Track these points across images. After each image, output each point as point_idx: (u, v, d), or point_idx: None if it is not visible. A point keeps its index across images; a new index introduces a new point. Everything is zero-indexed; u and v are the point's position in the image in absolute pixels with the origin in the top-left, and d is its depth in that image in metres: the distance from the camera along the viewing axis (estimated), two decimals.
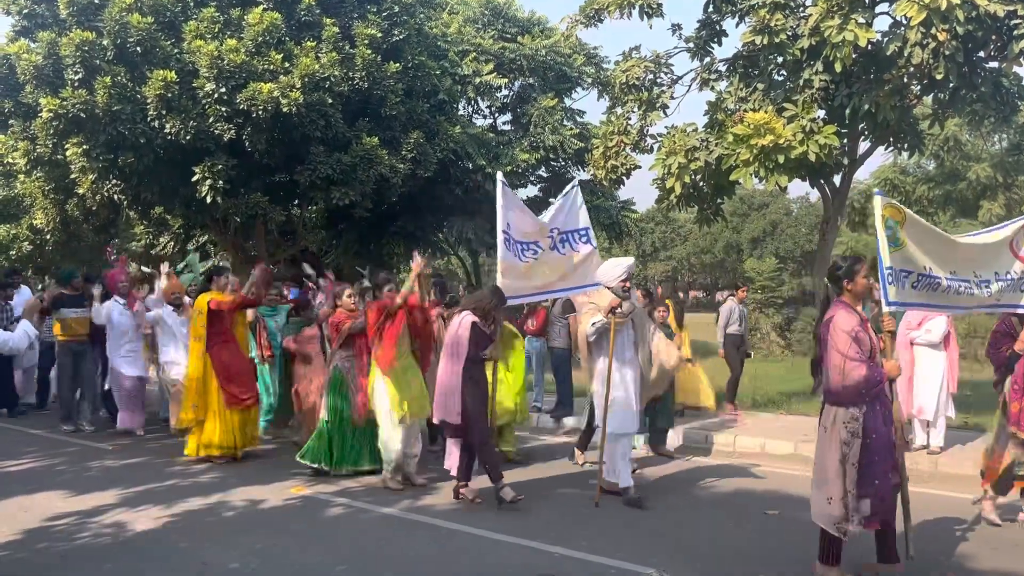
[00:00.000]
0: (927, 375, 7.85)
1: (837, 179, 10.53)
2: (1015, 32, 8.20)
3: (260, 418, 8.64)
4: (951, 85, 9.14)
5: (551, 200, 18.55)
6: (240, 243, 15.56)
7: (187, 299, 8.94)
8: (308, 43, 12.15)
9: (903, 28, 8.66)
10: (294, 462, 7.38)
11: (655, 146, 10.72)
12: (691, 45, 10.70)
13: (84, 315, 9.64)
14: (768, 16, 9.18)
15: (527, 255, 7.42)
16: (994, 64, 9.26)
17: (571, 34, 11.88)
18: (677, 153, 9.94)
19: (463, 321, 6.37)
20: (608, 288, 6.50)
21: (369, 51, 12.33)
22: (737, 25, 10.23)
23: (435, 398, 6.53)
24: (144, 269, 11.19)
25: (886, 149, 11.09)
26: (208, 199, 12.31)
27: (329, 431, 7.28)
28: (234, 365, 7.98)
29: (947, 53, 8.28)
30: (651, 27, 14.54)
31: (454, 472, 6.56)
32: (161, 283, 9.08)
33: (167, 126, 11.66)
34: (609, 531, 5.64)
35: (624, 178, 11.22)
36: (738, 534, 5.67)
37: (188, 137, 11.72)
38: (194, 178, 12.21)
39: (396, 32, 13.13)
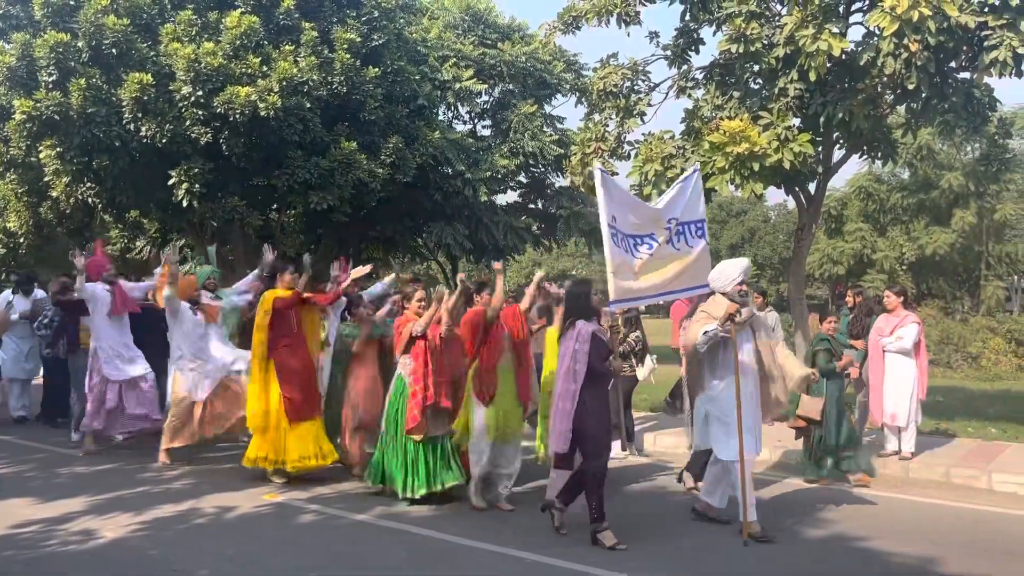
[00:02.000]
0: (898, 382, 7.92)
1: (812, 187, 10.61)
2: (985, 43, 8.31)
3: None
4: (923, 95, 9.24)
5: (531, 206, 18.82)
6: (217, 247, 15.44)
7: (207, 295, 8.24)
8: (286, 47, 12.11)
9: (876, 38, 8.75)
10: (268, 471, 7.32)
11: (632, 153, 10.76)
12: (668, 53, 10.75)
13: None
14: (744, 25, 9.25)
15: (640, 250, 6.53)
16: (965, 75, 9.38)
17: (550, 41, 11.90)
18: (654, 160, 9.98)
19: (581, 331, 5.56)
20: (722, 293, 5.82)
21: (348, 55, 12.31)
22: (714, 33, 10.30)
23: (552, 426, 5.69)
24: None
25: (860, 157, 11.19)
26: (185, 203, 12.23)
27: (385, 442, 6.64)
28: (298, 372, 7.22)
29: (919, 64, 8.38)
30: (628, 35, 14.63)
31: (552, 501, 5.76)
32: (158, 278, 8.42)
33: (143, 129, 11.57)
34: (584, 538, 5.64)
35: None
36: (710, 539, 5.69)
37: (164, 140, 11.65)
38: (170, 182, 12.13)
39: (375, 37, 13.12)
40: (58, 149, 11.94)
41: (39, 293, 10.66)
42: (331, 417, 7.49)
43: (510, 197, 18.86)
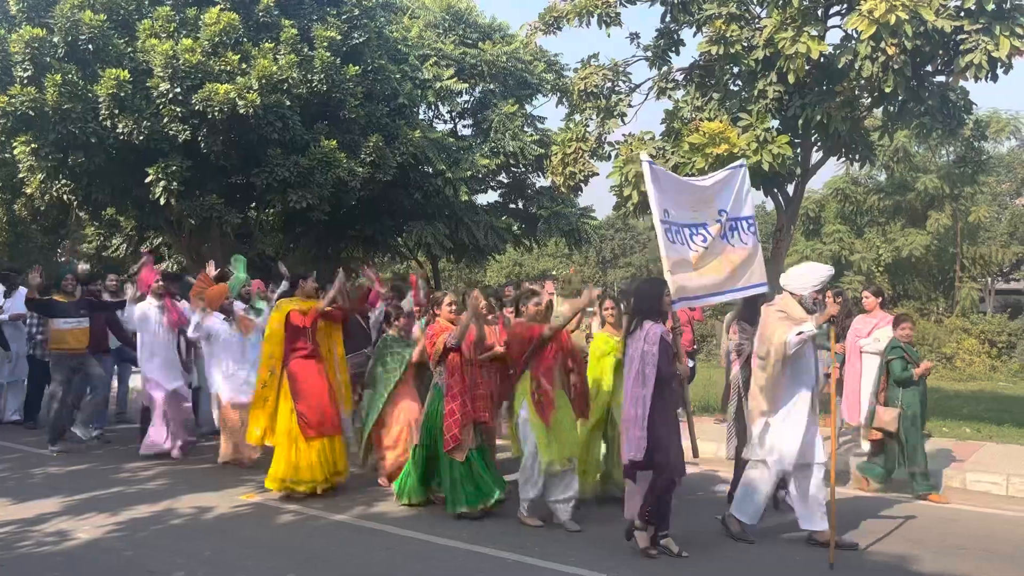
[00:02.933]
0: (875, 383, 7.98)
1: (790, 188, 10.69)
2: (961, 47, 8.41)
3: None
4: (900, 98, 9.34)
5: (511, 206, 18.81)
6: (195, 246, 15.31)
7: (239, 305, 8.12)
8: (266, 44, 12.02)
9: (854, 42, 8.84)
10: (244, 469, 7.27)
11: (613, 154, 10.79)
12: (649, 54, 10.79)
13: (81, 326, 8.51)
14: (724, 27, 9.30)
15: (696, 241, 6.14)
16: (941, 78, 9.49)
17: (531, 41, 11.91)
18: (634, 161, 9.99)
19: (649, 333, 5.23)
20: (794, 295, 5.58)
21: (328, 54, 12.24)
22: (694, 35, 10.35)
23: (623, 434, 5.35)
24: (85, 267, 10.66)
25: (838, 159, 11.31)
26: (162, 201, 12.11)
27: (421, 457, 6.35)
28: (312, 386, 6.78)
29: (896, 67, 8.46)
30: (609, 35, 14.67)
31: (632, 519, 5.39)
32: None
33: (119, 126, 11.44)
34: (562, 538, 5.65)
35: (582, 185, 11.27)
36: (691, 539, 5.70)
37: (141, 137, 11.52)
38: (147, 179, 11.99)
39: (356, 35, 13.06)
40: (33, 145, 11.78)
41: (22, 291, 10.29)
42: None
43: (491, 197, 18.86)
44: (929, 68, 9.36)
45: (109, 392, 9.32)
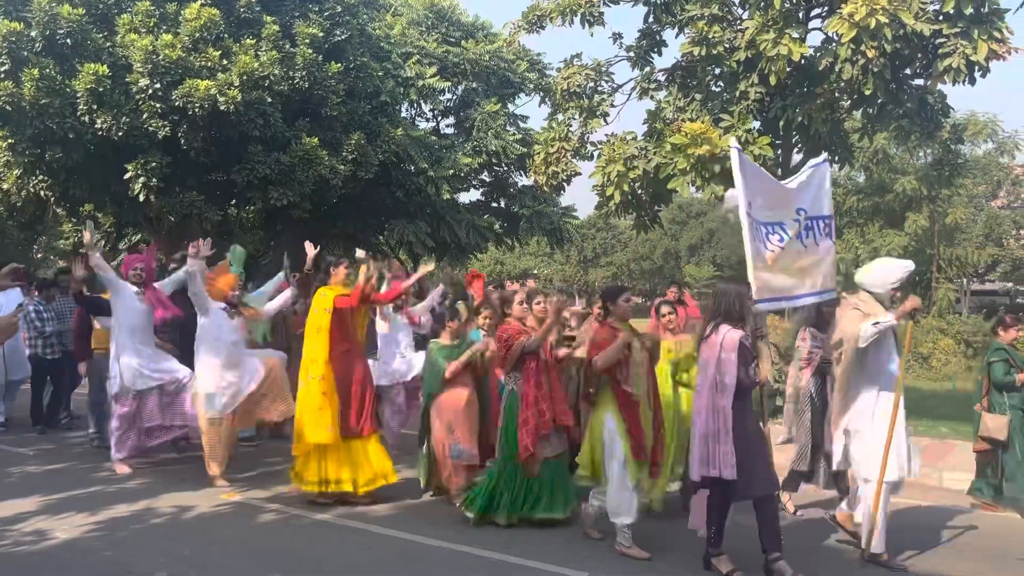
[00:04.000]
0: None
1: None
2: (940, 51, 8.51)
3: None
4: (879, 101, 9.43)
5: (493, 205, 18.82)
6: (174, 243, 15.19)
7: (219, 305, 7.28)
8: (247, 41, 11.96)
9: (834, 44, 8.92)
10: (227, 469, 7.22)
11: (595, 153, 10.82)
12: (631, 54, 10.83)
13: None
14: (706, 28, 9.35)
15: (772, 240, 5.74)
16: (919, 82, 9.60)
17: (514, 40, 11.93)
18: (616, 161, 10.04)
19: (725, 338, 4.82)
20: (873, 295, 5.30)
21: (310, 50, 12.20)
22: (676, 36, 10.40)
23: (693, 447, 4.97)
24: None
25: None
26: (141, 197, 12.03)
27: (502, 470, 5.84)
28: (359, 383, 6.47)
29: (875, 70, 8.55)
30: (592, 35, 14.71)
31: (698, 531, 5.11)
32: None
33: (98, 121, 11.35)
34: (544, 537, 5.65)
35: (565, 184, 11.29)
36: (671, 538, 5.73)
37: (120, 133, 11.44)
38: (126, 175, 11.91)
39: (338, 32, 13.03)
40: (9, 140, 11.68)
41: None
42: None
43: (473, 195, 18.91)
44: (908, 71, 9.46)
45: None
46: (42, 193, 13.46)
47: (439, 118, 18.10)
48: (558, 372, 5.92)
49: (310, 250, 7.66)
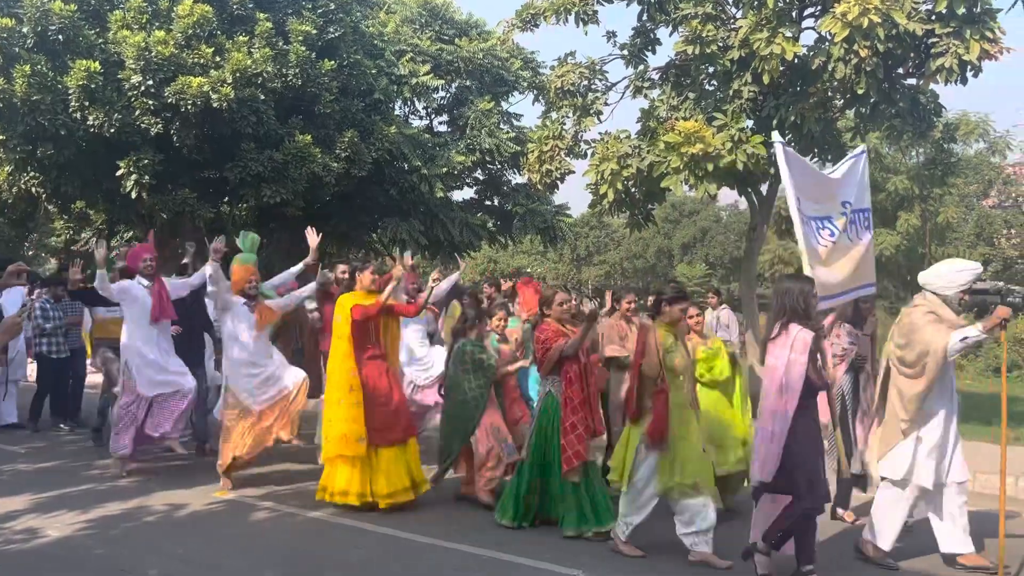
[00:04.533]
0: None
1: (764, 188, 10.80)
2: (932, 51, 8.54)
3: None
4: (872, 100, 9.46)
5: (487, 203, 18.79)
6: (166, 240, 15.15)
7: (238, 299, 6.92)
8: (240, 38, 11.91)
9: (827, 44, 8.94)
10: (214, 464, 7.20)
11: (589, 152, 10.83)
12: (625, 53, 10.83)
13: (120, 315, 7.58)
14: (700, 27, 9.36)
15: (823, 236, 5.61)
16: (912, 81, 9.63)
17: (508, 38, 11.93)
18: (610, 159, 10.04)
19: (796, 338, 4.61)
20: (940, 297, 5.17)
21: (303, 48, 12.16)
22: (670, 34, 10.39)
23: (756, 451, 4.80)
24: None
25: (811, 160, 11.41)
26: (133, 194, 11.97)
27: (530, 474, 5.70)
28: (386, 390, 6.26)
29: (868, 69, 8.57)
30: (586, 34, 14.71)
31: (758, 544, 4.88)
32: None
33: (90, 118, 11.28)
34: (539, 535, 5.66)
35: (558, 183, 11.29)
36: (665, 537, 5.74)
37: (112, 130, 11.38)
38: (118, 172, 11.84)
39: (331, 30, 12.98)
40: (1, 137, 11.60)
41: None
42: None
43: (466, 194, 18.83)
44: (900, 71, 9.49)
45: None
46: (33, 190, 13.38)
47: (432, 116, 18.05)
48: (594, 376, 5.77)
49: (312, 238, 7.35)
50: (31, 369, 10.36)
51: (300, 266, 7.54)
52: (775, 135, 5.90)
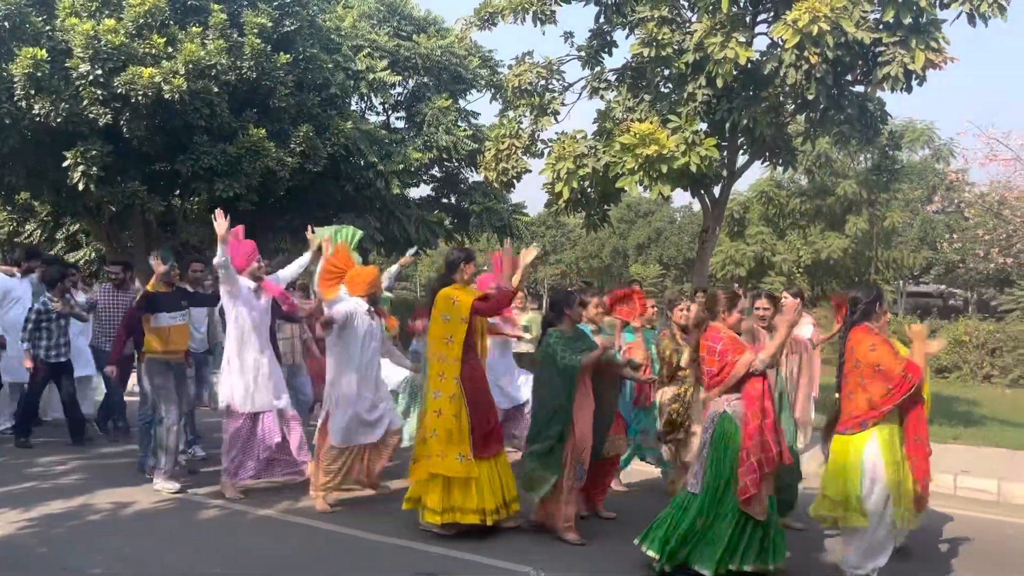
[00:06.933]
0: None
1: (717, 190, 10.97)
2: (879, 59, 8.79)
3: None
4: (821, 106, 9.68)
5: (444, 200, 18.76)
6: (115, 233, 14.85)
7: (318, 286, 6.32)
8: (194, 28, 11.74)
9: (779, 50, 9.13)
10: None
11: (545, 151, 10.89)
12: (582, 54, 10.93)
13: (184, 321, 6.87)
14: (656, 30, 9.48)
15: None
16: (860, 88, 9.89)
17: (466, 36, 11.94)
18: (566, 159, 10.12)
19: None
20: None
21: (258, 40, 12.02)
22: (627, 37, 10.52)
23: None
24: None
25: (762, 163, 11.64)
26: (80, 186, 11.71)
27: (698, 512, 4.76)
28: (487, 396, 5.68)
29: (818, 76, 8.77)
30: (544, 33, 14.77)
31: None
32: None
33: (36, 107, 11.02)
34: (492, 532, 5.67)
35: (515, 181, 11.34)
36: (620, 535, 5.82)
37: (59, 120, 11.13)
38: (65, 163, 11.58)
39: (287, 23, 12.86)
40: None
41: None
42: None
43: (423, 191, 18.80)
44: (849, 78, 9.73)
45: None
46: None
47: (389, 112, 17.99)
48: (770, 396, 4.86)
49: (221, 223, 6.11)
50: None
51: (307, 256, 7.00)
52: None
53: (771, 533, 4.71)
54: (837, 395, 4.90)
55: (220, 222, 6.11)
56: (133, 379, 8.42)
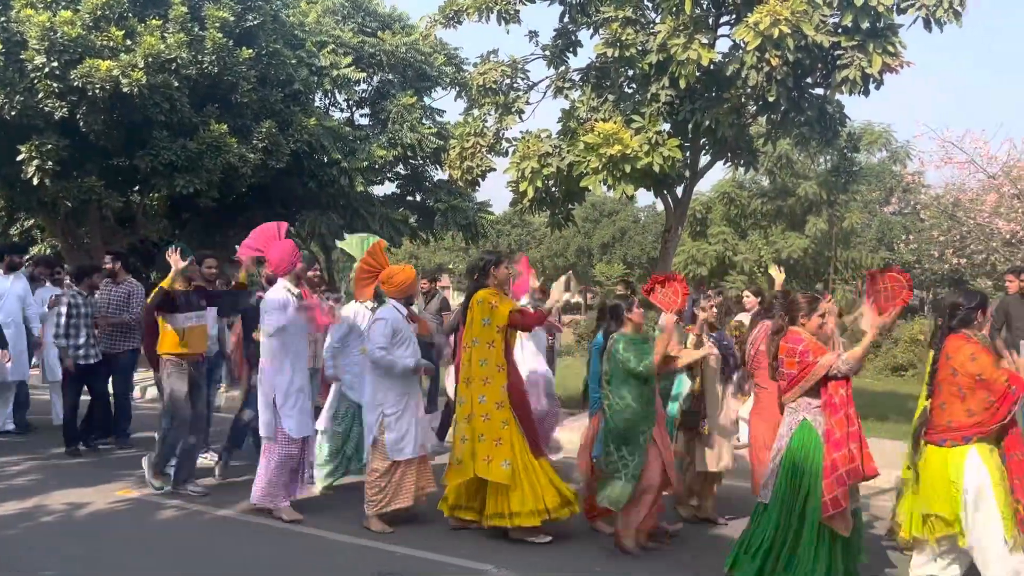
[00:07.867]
0: None
1: (679, 190, 11.07)
2: (838, 62, 8.93)
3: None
4: (782, 108, 9.81)
5: (408, 198, 18.68)
6: (71, 229, 14.55)
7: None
8: (153, 21, 11.56)
9: (741, 52, 9.23)
10: (121, 460, 6.94)
11: (510, 150, 10.90)
12: (547, 53, 10.95)
13: (203, 322, 6.52)
14: (620, 30, 9.53)
15: None
16: (819, 91, 10.04)
17: (431, 33, 11.90)
18: (531, 158, 10.14)
19: None
20: None
21: (220, 35, 11.87)
22: (591, 37, 10.56)
23: None
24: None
25: (724, 164, 11.78)
26: (35, 181, 11.47)
27: (776, 526, 4.51)
28: (525, 397, 5.63)
29: (779, 78, 8.89)
30: (508, 32, 14.78)
31: None
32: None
33: None
34: (453, 532, 5.67)
35: (480, 180, 11.34)
36: (579, 533, 5.84)
37: (13, 113, 10.90)
38: (19, 157, 11.33)
39: (250, 17, 12.72)
40: None
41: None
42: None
43: (387, 188, 18.73)
44: (809, 80, 9.87)
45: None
46: None
47: (354, 109, 17.88)
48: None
49: (175, 258, 6.00)
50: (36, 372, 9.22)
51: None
52: None
53: (855, 547, 4.50)
54: (927, 403, 4.65)
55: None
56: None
